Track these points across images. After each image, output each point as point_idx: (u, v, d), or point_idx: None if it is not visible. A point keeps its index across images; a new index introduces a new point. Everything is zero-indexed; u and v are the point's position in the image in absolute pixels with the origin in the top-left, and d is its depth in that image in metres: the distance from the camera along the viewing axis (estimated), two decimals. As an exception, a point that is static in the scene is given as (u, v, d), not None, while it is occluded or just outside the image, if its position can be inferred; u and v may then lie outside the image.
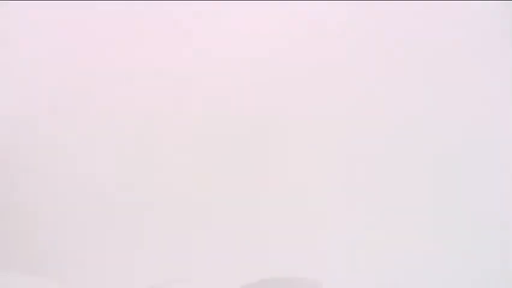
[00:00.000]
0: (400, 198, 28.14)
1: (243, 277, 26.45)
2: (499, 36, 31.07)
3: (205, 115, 39.72)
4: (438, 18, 34.55)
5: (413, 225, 26.19)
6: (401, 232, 25.62)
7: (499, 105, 29.68)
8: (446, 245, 21.18)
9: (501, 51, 30.86)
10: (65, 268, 30.79)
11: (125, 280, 29.24)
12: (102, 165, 37.16)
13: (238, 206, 33.66)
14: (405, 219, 26.60)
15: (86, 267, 30.69)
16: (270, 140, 36.04)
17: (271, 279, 25.37)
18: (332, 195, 33.29)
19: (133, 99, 41.98)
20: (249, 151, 35.46)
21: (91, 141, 37.89)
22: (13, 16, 42.68)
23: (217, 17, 41.30)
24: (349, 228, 30.67)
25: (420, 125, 33.25)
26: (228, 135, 36.65)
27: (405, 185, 29.68)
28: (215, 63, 41.13)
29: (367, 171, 33.10)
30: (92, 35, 43.57)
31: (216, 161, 35.68)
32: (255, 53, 41.21)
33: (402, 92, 35.23)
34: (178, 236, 33.07)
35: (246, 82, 40.24)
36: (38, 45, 43.11)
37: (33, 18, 44.60)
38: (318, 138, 36.01)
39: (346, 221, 31.68)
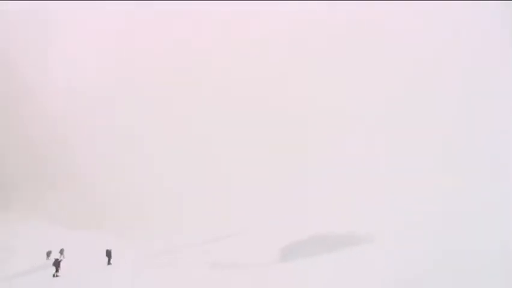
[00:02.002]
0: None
1: (293, 234, 26.70)
2: (499, 36, 31.10)
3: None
4: (438, 18, 34.56)
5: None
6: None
7: (498, 103, 29.69)
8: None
9: (501, 51, 30.88)
10: (121, 224, 33.17)
11: (183, 234, 30.39)
12: (153, 142, 40.24)
13: (290, 171, 36.93)
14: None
15: (141, 224, 32.40)
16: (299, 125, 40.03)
17: (321, 236, 25.05)
18: (374, 165, 35.75)
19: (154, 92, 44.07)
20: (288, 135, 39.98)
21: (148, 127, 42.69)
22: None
23: (222, 17, 41.21)
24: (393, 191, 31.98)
25: (419, 125, 33.22)
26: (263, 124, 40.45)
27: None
28: (219, 62, 41.20)
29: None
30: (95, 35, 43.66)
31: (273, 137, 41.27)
32: (259, 53, 41.07)
33: (402, 90, 35.23)
34: (237, 196, 35.12)
35: (260, 78, 41.06)
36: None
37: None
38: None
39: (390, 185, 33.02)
